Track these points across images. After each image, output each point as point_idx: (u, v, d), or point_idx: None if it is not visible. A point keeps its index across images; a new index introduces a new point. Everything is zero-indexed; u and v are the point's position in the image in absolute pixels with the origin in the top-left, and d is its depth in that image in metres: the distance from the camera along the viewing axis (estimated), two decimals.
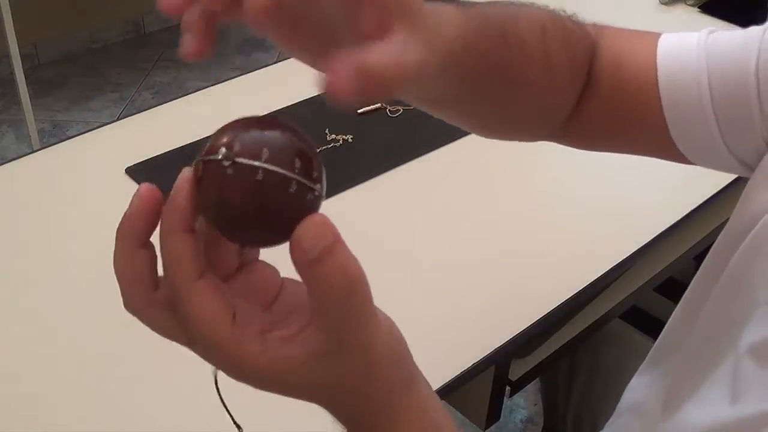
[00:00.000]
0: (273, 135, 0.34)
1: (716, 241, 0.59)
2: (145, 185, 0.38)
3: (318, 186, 0.35)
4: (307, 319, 0.38)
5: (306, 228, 0.35)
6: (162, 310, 0.39)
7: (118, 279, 0.38)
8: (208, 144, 0.35)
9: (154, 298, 0.38)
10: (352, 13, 0.36)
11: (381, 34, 0.35)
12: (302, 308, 0.39)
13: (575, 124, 0.63)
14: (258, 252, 0.42)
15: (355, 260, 0.36)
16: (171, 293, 0.37)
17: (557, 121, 0.63)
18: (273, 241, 0.36)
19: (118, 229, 0.38)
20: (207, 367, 0.43)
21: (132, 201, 0.39)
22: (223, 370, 0.39)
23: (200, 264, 0.37)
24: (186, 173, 0.36)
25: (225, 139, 0.34)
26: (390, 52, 0.35)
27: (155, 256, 0.38)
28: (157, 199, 0.38)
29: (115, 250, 0.38)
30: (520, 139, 0.66)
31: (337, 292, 0.36)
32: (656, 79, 0.59)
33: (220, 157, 0.33)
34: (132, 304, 0.39)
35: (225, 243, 0.39)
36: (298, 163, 0.34)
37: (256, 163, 0.33)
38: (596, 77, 0.61)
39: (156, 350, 0.78)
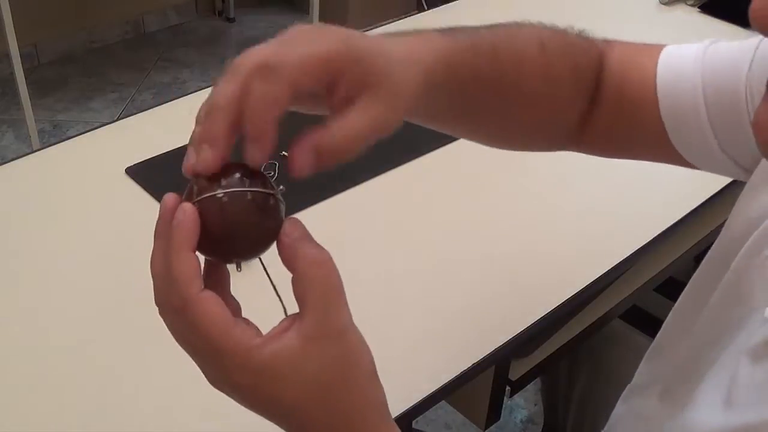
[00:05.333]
0: (240, 169, 0.43)
1: (713, 245, 0.60)
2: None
3: (283, 200, 0.45)
4: (294, 318, 0.43)
5: (291, 221, 0.44)
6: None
7: (162, 277, 0.43)
8: (194, 191, 0.43)
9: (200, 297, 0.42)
10: (329, 94, 0.45)
11: (347, 106, 0.44)
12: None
13: (585, 133, 0.65)
14: (241, 311, 0.47)
15: (326, 250, 0.44)
16: (179, 305, 0.42)
17: (566, 131, 0.65)
18: (260, 248, 0.44)
19: (166, 235, 0.43)
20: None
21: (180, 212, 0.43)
22: (225, 377, 0.43)
23: (201, 280, 0.42)
24: (172, 198, 0.43)
25: (209, 180, 0.43)
26: (340, 129, 0.43)
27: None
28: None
29: (159, 253, 0.43)
30: (535, 150, 0.69)
31: (317, 266, 0.42)
32: (655, 87, 0.61)
33: (213, 193, 0.42)
34: (173, 303, 0.42)
35: (224, 292, 0.46)
36: (269, 184, 0.44)
37: (243, 189, 0.42)
38: (602, 87, 0.64)
39: (156, 349, 0.78)
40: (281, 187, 0.45)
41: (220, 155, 0.42)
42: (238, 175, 0.43)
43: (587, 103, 0.64)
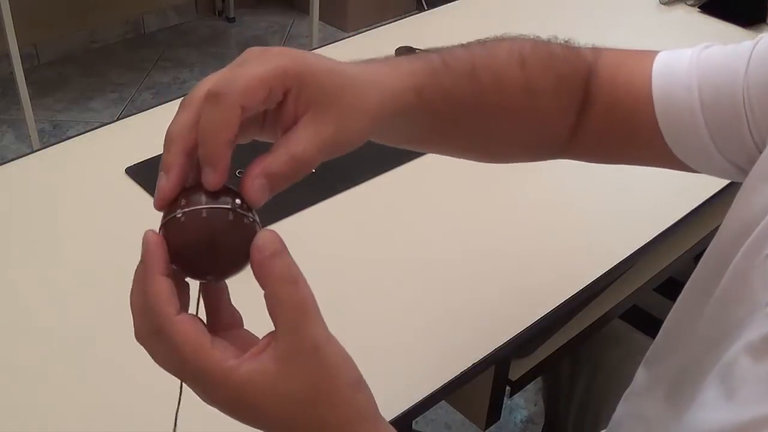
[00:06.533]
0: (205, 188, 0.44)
1: (710, 245, 0.60)
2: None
3: (250, 214, 0.44)
4: (272, 337, 0.43)
5: (262, 235, 0.43)
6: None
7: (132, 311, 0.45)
8: (164, 212, 0.45)
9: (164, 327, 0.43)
10: (278, 111, 0.46)
11: (294, 125, 0.45)
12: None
13: (577, 141, 0.65)
14: (242, 322, 0.48)
15: (297, 266, 0.43)
16: (156, 329, 0.43)
17: (555, 142, 0.66)
18: (232, 264, 0.44)
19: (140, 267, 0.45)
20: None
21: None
22: (208, 395, 0.44)
23: (177, 303, 0.43)
24: (151, 232, 0.44)
25: (175, 202, 0.44)
26: (286, 152, 0.44)
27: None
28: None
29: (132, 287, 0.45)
30: (524, 161, 0.70)
31: (285, 284, 0.42)
32: (651, 90, 0.61)
33: (173, 214, 0.43)
34: (140, 333, 0.45)
35: (220, 303, 0.47)
36: (229, 200, 0.43)
37: (199, 207, 0.43)
38: (593, 94, 0.64)
39: None
40: (238, 201, 0.44)
41: (174, 182, 0.44)
42: (198, 193, 0.44)
43: (575, 113, 0.64)
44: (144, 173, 1.03)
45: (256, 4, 3.58)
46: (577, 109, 0.64)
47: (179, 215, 0.43)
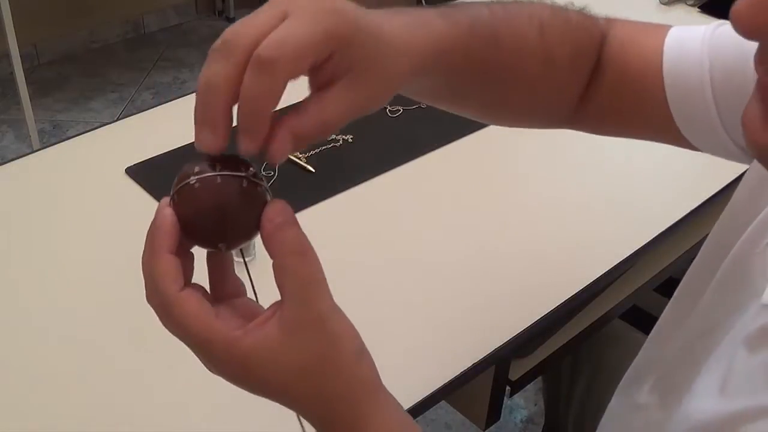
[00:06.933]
0: (219, 156, 0.44)
1: (708, 236, 0.60)
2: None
3: (262, 183, 0.44)
4: (277, 307, 0.44)
5: (273, 205, 0.44)
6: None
7: (145, 276, 0.44)
8: (175, 181, 0.44)
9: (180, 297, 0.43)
10: (312, 71, 0.44)
11: (327, 86, 0.44)
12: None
13: (585, 109, 0.65)
14: (245, 291, 0.48)
15: (306, 237, 0.44)
16: (162, 304, 0.43)
17: (566, 108, 0.65)
18: (243, 233, 0.44)
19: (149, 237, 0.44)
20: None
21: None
22: (214, 366, 0.44)
23: (181, 279, 0.43)
24: (164, 203, 0.44)
25: (188, 170, 0.44)
26: (317, 113, 0.43)
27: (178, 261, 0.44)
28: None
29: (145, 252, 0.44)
30: (533, 127, 0.69)
31: (294, 255, 0.43)
32: (661, 64, 0.61)
33: (187, 181, 0.43)
34: (155, 300, 0.44)
35: (225, 273, 0.47)
36: (242, 168, 0.44)
37: (213, 174, 0.43)
38: (604, 63, 0.63)
39: (154, 346, 0.78)
40: (252, 169, 0.44)
41: (221, 139, 0.42)
42: (211, 162, 0.43)
43: (586, 82, 0.63)
44: (144, 173, 1.03)
45: (256, 3, 3.56)
46: (589, 78, 0.63)
47: (193, 181, 0.43)
